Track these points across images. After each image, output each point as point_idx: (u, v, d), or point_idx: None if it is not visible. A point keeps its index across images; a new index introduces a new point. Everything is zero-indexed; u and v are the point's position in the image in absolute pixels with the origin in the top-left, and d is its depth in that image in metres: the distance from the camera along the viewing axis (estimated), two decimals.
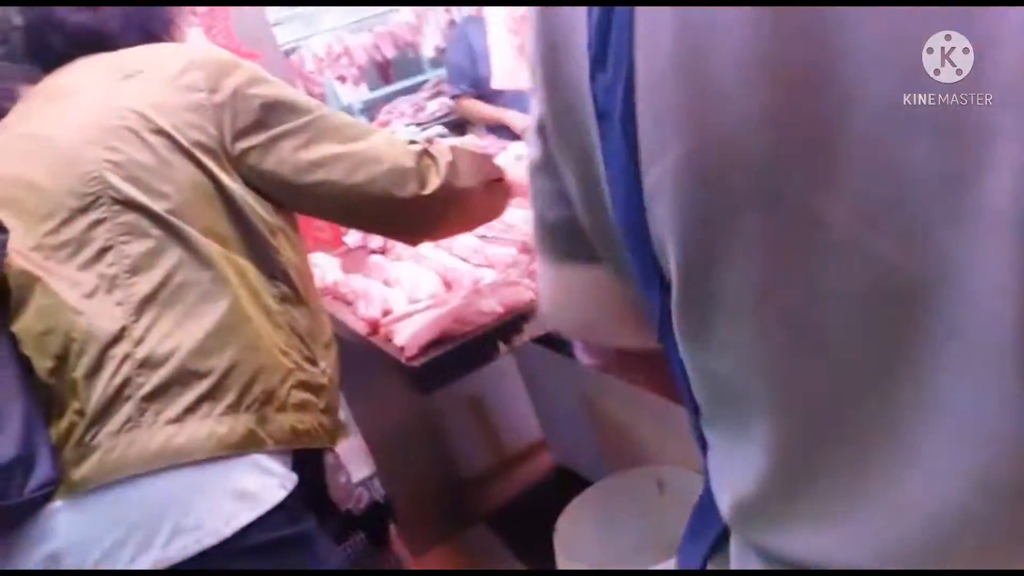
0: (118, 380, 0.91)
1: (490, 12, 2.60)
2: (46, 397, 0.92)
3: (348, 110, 7.33)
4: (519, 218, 1.55)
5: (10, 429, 0.87)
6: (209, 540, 0.91)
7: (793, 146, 0.34)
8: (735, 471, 0.43)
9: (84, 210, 0.93)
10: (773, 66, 0.34)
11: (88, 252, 0.93)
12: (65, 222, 0.93)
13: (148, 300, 0.93)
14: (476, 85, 3.28)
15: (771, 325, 0.38)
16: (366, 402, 2.03)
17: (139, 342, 0.92)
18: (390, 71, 6.30)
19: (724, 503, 0.46)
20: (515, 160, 1.98)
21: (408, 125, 5.05)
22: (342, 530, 2.02)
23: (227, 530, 0.93)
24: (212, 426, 0.92)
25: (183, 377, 0.92)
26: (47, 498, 0.89)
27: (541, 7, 0.45)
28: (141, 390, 0.91)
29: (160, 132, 0.95)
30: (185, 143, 0.96)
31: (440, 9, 5.25)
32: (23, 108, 1.04)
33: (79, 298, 0.92)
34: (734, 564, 0.47)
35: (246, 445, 0.95)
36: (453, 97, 3.56)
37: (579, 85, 0.42)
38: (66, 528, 0.90)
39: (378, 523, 2.12)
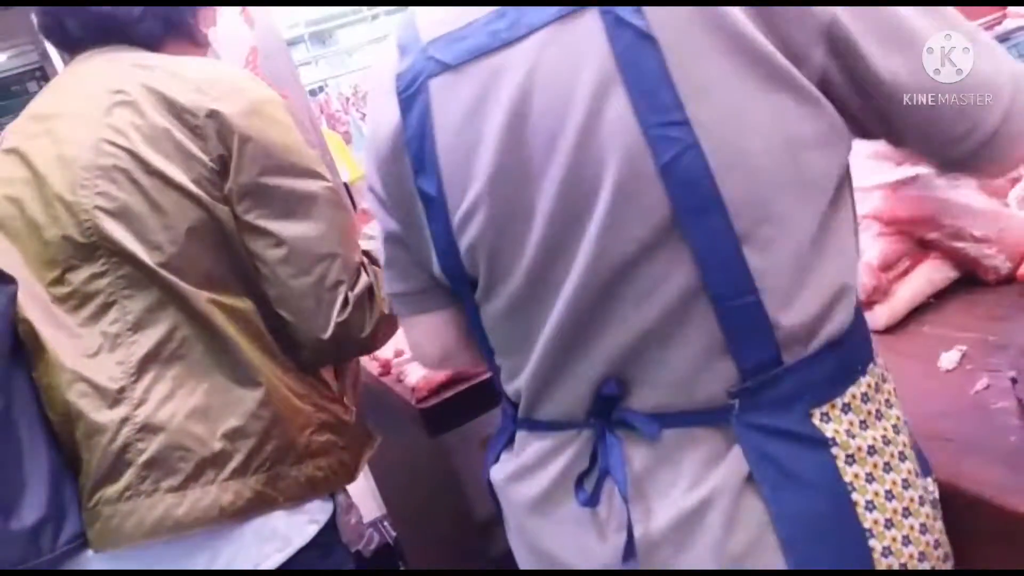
0: (118, 444, 0.88)
1: None
2: (67, 450, 0.91)
3: None
4: None
5: (37, 487, 0.87)
6: None
7: (515, 185, 0.63)
8: (520, 376, 0.70)
9: (85, 260, 0.90)
10: (502, 161, 0.63)
11: (91, 307, 0.90)
12: (68, 271, 0.91)
13: (149, 359, 0.90)
14: None
15: (524, 283, 0.65)
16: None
17: (139, 404, 0.88)
18: None
19: (519, 398, 0.72)
20: None
21: None
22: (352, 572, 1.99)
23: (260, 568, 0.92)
24: (216, 494, 0.88)
25: (184, 442, 0.88)
26: (83, 546, 0.90)
27: (368, 156, 0.74)
28: (141, 456, 0.88)
29: (153, 172, 0.89)
30: (180, 180, 0.89)
31: None
32: (18, 124, 0.99)
33: (79, 357, 0.89)
34: (517, 446, 0.74)
35: (253, 509, 0.90)
36: None
37: (411, 191, 0.69)
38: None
39: (388, 565, 2.08)
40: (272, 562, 0.93)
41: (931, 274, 0.97)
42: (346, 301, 0.95)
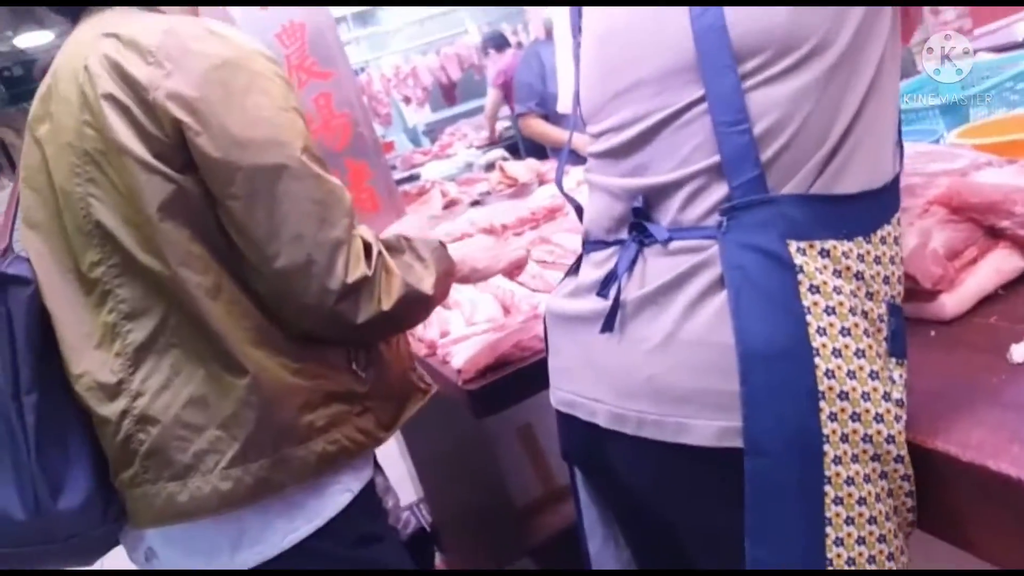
0: (120, 437, 0.89)
1: (558, 36, 2.61)
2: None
3: (412, 131, 7.43)
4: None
5: (80, 471, 0.91)
6: (270, 552, 0.92)
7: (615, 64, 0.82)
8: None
9: (88, 248, 0.89)
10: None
11: (94, 296, 0.90)
12: (79, 261, 0.91)
13: (144, 349, 0.89)
14: (543, 105, 3.27)
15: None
16: (417, 426, 2.01)
17: (136, 396, 0.88)
18: (455, 93, 6.38)
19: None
20: (576, 185, 1.95)
21: (470, 147, 5.07)
22: None
23: (285, 543, 0.92)
24: (215, 483, 0.88)
25: (181, 432, 0.88)
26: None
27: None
28: (143, 447, 0.88)
29: (124, 152, 0.86)
30: (144, 157, 0.86)
31: (508, 31, 5.27)
32: (34, 105, 0.97)
33: (86, 349, 0.90)
34: (580, 272, 0.89)
35: (255, 496, 0.89)
36: (518, 116, 3.54)
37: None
38: (151, 534, 0.95)
39: (423, 550, 2.09)
40: (299, 534, 0.93)
41: (999, 264, 0.92)
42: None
